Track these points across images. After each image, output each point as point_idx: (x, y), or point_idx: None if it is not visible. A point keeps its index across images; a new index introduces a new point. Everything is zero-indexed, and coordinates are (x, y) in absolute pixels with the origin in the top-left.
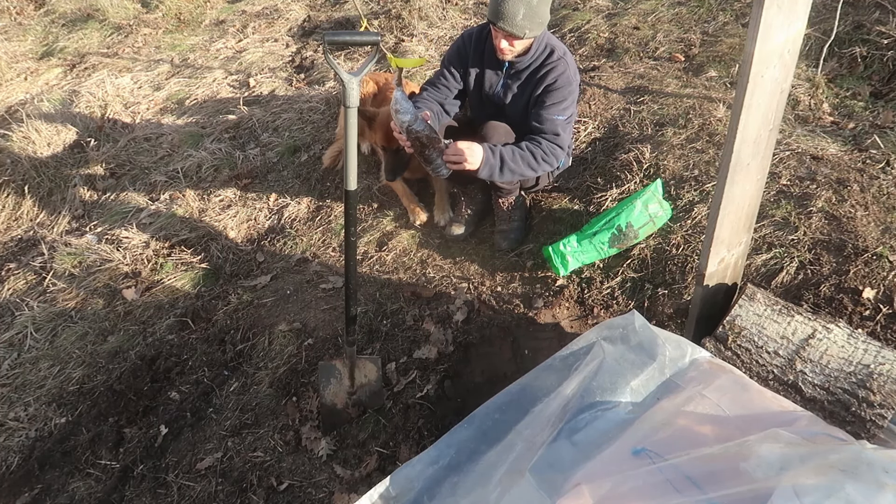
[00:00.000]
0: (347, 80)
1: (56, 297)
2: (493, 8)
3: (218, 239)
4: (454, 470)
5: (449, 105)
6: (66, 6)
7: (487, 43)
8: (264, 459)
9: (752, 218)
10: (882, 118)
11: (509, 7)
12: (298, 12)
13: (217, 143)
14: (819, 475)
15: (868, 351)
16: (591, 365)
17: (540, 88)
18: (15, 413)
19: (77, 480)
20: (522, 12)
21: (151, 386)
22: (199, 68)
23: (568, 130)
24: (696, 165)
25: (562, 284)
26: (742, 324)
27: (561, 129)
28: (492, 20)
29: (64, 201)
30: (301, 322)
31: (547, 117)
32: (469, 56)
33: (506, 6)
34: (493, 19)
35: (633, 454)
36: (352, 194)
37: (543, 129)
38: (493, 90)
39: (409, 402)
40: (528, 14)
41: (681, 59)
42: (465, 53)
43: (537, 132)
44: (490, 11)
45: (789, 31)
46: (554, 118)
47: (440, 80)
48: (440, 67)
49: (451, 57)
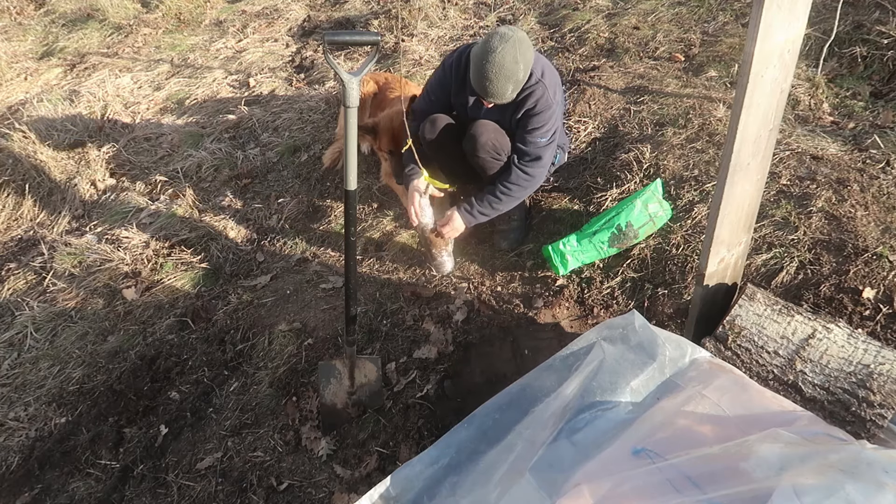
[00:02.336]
0: (347, 79)
1: (56, 297)
2: (479, 86)
3: (218, 239)
4: (454, 470)
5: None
6: (66, 6)
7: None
8: (264, 459)
9: (751, 218)
10: (882, 118)
11: (498, 88)
12: (298, 12)
13: (217, 143)
14: (819, 475)
15: (868, 351)
16: (591, 365)
17: (520, 112)
18: (15, 413)
19: (77, 480)
20: (511, 88)
21: (151, 386)
22: (199, 68)
23: (551, 150)
24: (696, 165)
25: (562, 284)
26: (742, 324)
27: (542, 152)
28: (479, 95)
29: (64, 201)
30: (301, 322)
31: (530, 140)
32: (451, 85)
33: (494, 87)
34: (482, 95)
35: (633, 454)
36: (351, 194)
37: (527, 152)
38: (474, 113)
39: (408, 401)
40: (515, 87)
41: (681, 59)
42: (446, 84)
43: (521, 154)
44: (476, 86)
45: (789, 31)
46: (536, 141)
47: (427, 106)
48: (424, 93)
49: (433, 86)
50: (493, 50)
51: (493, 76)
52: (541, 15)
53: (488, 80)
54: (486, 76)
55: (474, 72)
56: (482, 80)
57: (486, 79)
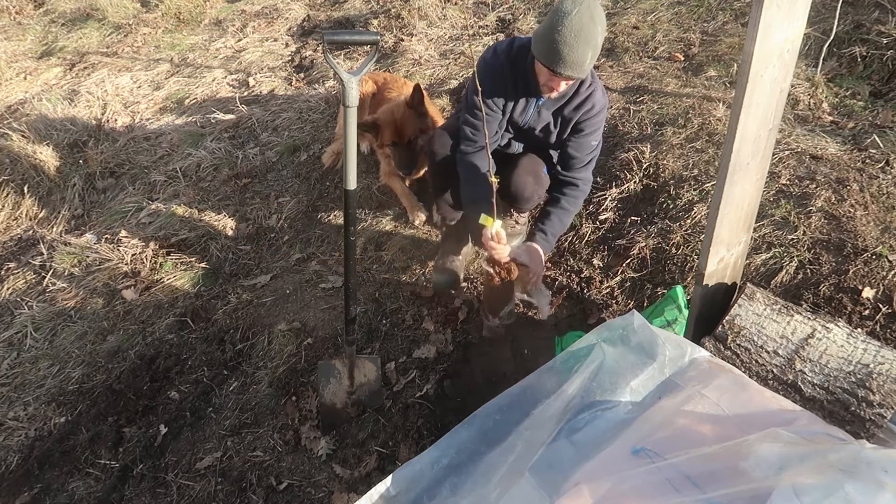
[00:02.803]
0: (347, 79)
1: (55, 297)
2: (554, 55)
3: (217, 238)
4: (454, 470)
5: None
6: (65, 5)
7: (522, 72)
8: (264, 459)
9: (751, 217)
10: (881, 118)
11: (577, 54)
12: (298, 12)
13: (216, 143)
14: (818, 474)
15: (867, 350)
16: (591, 366)
17: (577, 115)
18: (14, 412)
19: (76, 480)
20: (590, 56)
21: (151, 385)
22: (199, 68)
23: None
24: (696, 165)
25: (562, 284)
26: (741, 323)
27: (594, 154)
28: (552, 68)
29: (63, 201)
30: (300, 321)
31: (585, 144)
32: (506, 88)
33: (573, 54)
34: (556, 68)
35: (633, 454)
36: (351, 194)
37: (580, 158)
38: (524, 119)
39: (408, 401)
40: (593, 55)
41: (680, 58)
42: (502, 86)
43: (569, 160)
44: (548, 58)
45: (789, 30)
46: (591, 144)
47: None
48: (471, 103)
49: (490, 92)
50: (567, 13)
51: (572, 40)
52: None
53: (567, 46)
54: (565, 41)
55: (546, 42)
56: (559, 47)
57: (565, 44)
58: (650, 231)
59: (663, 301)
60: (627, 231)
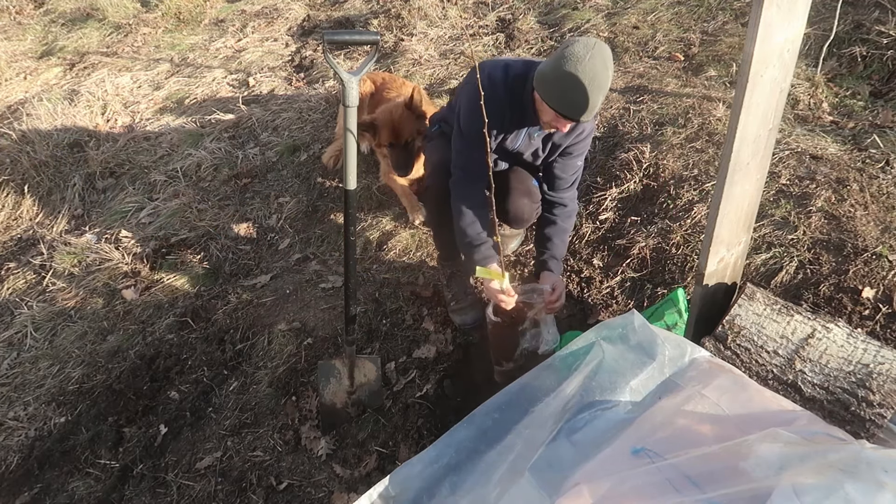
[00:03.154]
0: (347, 79)
1: (55, 297)
2: (567, 103)
3: (217, 238)
4: (454, 470)
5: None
6: (65, 5)
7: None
8: (264, 459)
9: (751, 217)
10: (881, 117)
11: (591, 102)
12: (298, 11)
13: (216, 143)
14: (818, 474)
15: (867, 350)
16: (590, 365)
17: (567, 140)
18: (14, 412)
19: (76, 480)
20: (601, 100)
21: (151, 385)
22: (199, 67)
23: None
24: (696, 165)
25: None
26: (741, 323)
27: (578, 175)
28: (570, 117)
29: (63, 200)
30: (300, 321)
31: (571, 165)
32: (503, 119)
33: (588, 102)
34: (568, 114)
35: (633, 454)
36: (351, 194)
37: (566, 178)
38: (514, 144)
39: (408, 401)
40: (604, 99)
41: (680, 58)
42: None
43: (555, 180)
44: (560, 105)
45: (789, 30)
46: (577, 165)
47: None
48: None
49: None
50: (580, 59)
51: (586, 88)
52: (540, 14)
53: (581, 94)
54: (579, 89)
55: (558, 89)
56: (575, 95)
57: (579, 92)
58: (650, 231)
59: (663, 303)
60: (627, 231)
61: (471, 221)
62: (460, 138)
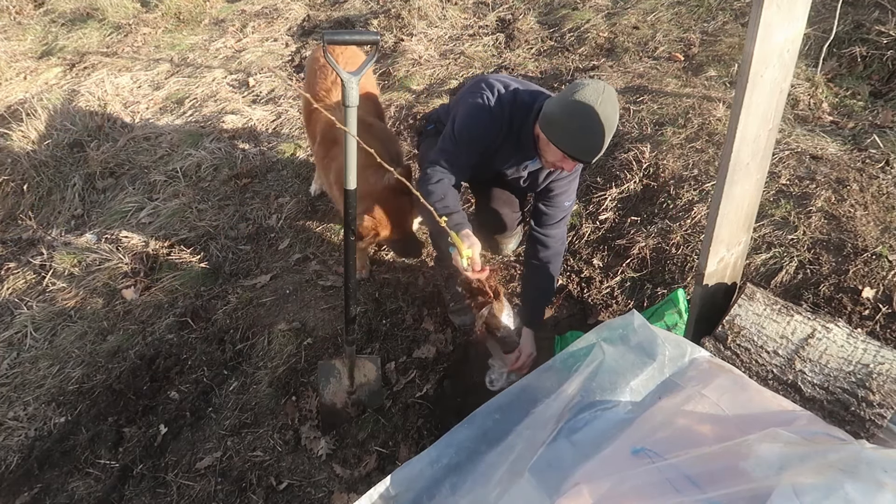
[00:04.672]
0: (347, 79)
1: (55, 297)
2: (579, 148)
3: (217, 238)
4: (454, 470)
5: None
6: (65, 5)
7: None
8: (264, 459)
9: (751, 217)
10: (881, 118)
11: (602, 145)
12: (298, 11)
13: (216, 143)
14: (818, 474)
15: (867, 350)
16: (591, 366)
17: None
18: (14, 412)
19: (76, 480)
20: (607, 144)
21: (151, 385)
22: (199, 67)
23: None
24: (696, 165)
25: (561, 284)
26: (741, 323)
27: (566, 214)
28: (581, 160)
29: (63, 200)
30: (300, 321)
31: (560, 205)
32: (499, 141)
33: (599, 145)
34: (586, 159)
35: (633, 454)
36: (351, 194)
37: (551, 215)
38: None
39: (408, 401)
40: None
41: (680, 58)
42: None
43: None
44: (572, 149)
45: (789, 30)
46: (565, 205)
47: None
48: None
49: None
50: (591, 103)
51: (599, 133)
52: (540, 14)
53: (595, 138)
54: (592, 133)
55: (570, 134)
56: (588, 140)
57: (593, 136)
58: (650, 231)
59: (664, 304)
60: (627, 231)
61: (441, 197)
62: (451, 140)
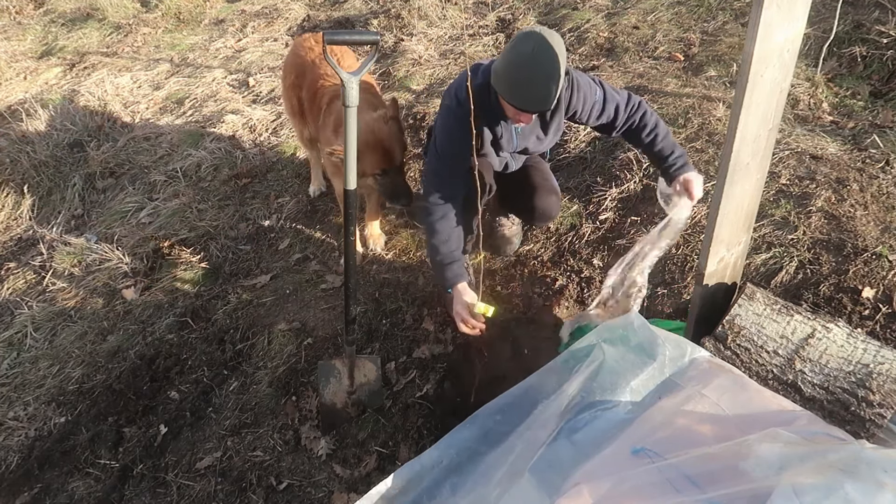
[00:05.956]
0: (347, 79)
1: (55, 297)
2: (518, 96)
3: (217, 238)
4: (454, 471)
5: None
6: (65, 5)
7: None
8: (264, 459)
9: (751, 217)
10: (881, 117)
11: (541, 92)
12: (298, 11)
13: (216, 143)
14: (818, 474)
15: (867, 350)
16: (591, 366)
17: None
18: (14, 412)
19: (76, 480)
20: (554, 89)
21: (151, 385)
22: (199, 67)
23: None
24: (696, 165)
25: (562, 284)
26: (741, 323)
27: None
28: (527, 110)
29: (63, 200)
30: (300, 321)
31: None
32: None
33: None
34: (522, 106)
35: (633, 454)
36: (351, 194)
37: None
38: (511, 145)
39: (408, 401)
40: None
41: (680, 58)
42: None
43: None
44: (512, 98)
45: (789, 30)
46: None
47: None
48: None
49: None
50: (524, 52)
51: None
52: (540, 14)
53: (531, 85)
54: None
55: (508, 83)
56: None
57: (529, 84)
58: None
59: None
60: (627, 231)
61: (444, 240)
62: (437, 160)
